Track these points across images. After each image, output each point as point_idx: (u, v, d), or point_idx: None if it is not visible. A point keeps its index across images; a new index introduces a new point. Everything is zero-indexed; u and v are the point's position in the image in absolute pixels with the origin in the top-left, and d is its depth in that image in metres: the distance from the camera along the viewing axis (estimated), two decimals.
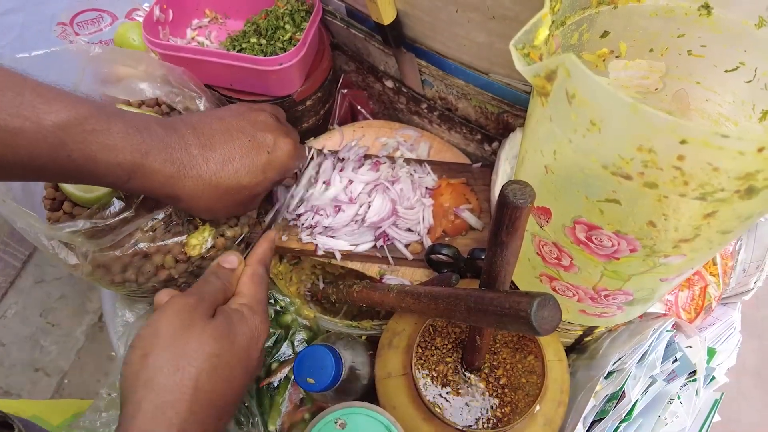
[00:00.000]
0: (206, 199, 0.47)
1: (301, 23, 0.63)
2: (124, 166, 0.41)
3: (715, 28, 0.37)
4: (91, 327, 1.57)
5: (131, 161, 0.42)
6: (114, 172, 0.41)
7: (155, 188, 0.44)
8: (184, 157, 0.45)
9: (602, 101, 0.26)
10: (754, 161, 0.24)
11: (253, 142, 0.50)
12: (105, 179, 0.42)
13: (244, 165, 0.49)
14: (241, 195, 0.50)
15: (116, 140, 0.41)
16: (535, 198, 0.31)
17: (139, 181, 0.43)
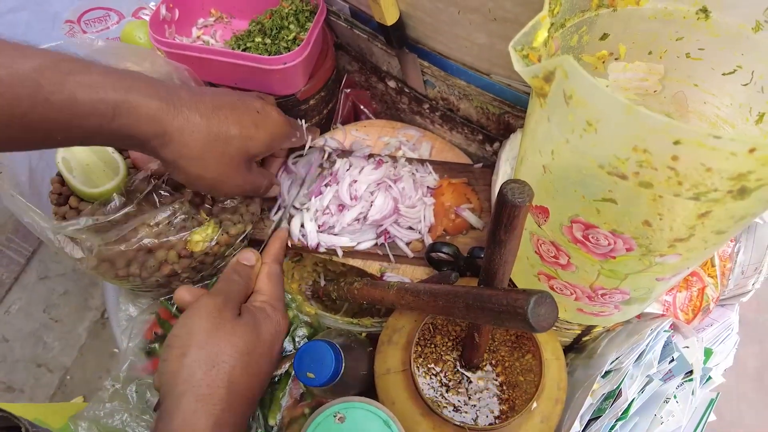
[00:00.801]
0: (196, 141, 0.44)
1: (306, 23, 0.63)
2: (107, 101, 0.39)
3: (712, 32, 0.37)
4: (93, 324, 1.58)
5: (114, 97, 0.40)
6: (97, 109, 0.39)
7: (143, 125, 0.42)
8: (172, 96, 0.43)
9: (598, 102, 0.26)
10: (746, 162, 0.24)
11: (241, 101, 0.49)
12: (89, 120, 0.39)
13: (234, 115, 0.47)
14: (232, 147, 0.47)
15: (96, 78, 0.39)
16: (533, 197, 0.32)
17: (124, 118, 0.41)
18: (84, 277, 1.55)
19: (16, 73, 0.36)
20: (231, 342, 0.41)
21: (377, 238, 0.60)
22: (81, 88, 0.38)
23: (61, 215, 0.53)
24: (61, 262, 1.46)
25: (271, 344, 0.44)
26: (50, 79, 0.37)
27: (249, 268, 0.49)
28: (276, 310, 0.47)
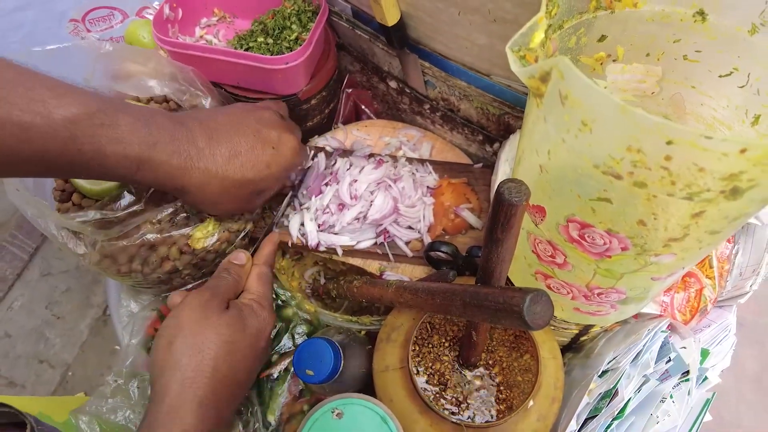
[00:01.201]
0: (213, 191, 0.49)
1: (308, 23, 0.64)
2: (131, 158, 0.43)
3: (709, 34, 0.38)
4: (95, 321, 1.58)
5: (138, 153, 0.43)
6: (122, 164, 0.42)
7: (163, 180, 0.46)
8: (191, 149, 0.46)
9: (593, 102, 0.26)
10: (738, 162, 0.25)
11: (258, 138, 0.51)
12: (114, 171, 0.43)
13: (250, 159, 0.50)
14: (246, 189, 0.51)
15: (124, 133, 0.42)
16: (530, 196, 0.32)
17: (147, 173, 0.44)
18: (86, 275, 1.56)
19: (53, 124, 0.38)
20: (216, 331, 0.43)
21: (377, 237, 0.61)
22: (110, 142, 0.41)
23: (64, 211, 0.54)
24: (64, 259, 1.47)
25: (256, 338, 0.46)
26: (84, 131, 0.40)
27: (239, 267, 0.51)
28: (263, 308, 0.48)
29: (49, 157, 0.39)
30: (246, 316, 0.46)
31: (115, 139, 0.41)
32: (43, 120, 0.38)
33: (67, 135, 0.39)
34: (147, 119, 0.44)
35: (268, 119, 0.53)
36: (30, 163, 0.39)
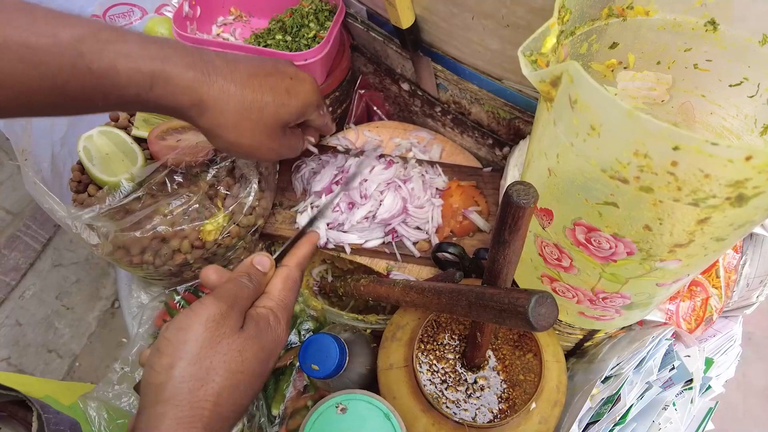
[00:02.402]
0: (232, 111, 0.46)
1: (325, 22, 0.65)
2: (144, 73, 0.41)
3: (720, 44, 0.38)
4: (103, 313, 1.60)
5: (151, 67, 0.41)
6: (135, 79, 0.41)
7: (180, 95, 0.43)
8: (207, 65, 0.44)
9: (602, 106, 0.27)
10: (743, 169, 0.25)
11: (275, 68, 0.50)
12: (128, 89, 0.41)
13: (268, 82, 0.48)
14: (266, 114, 0.48)
15: (134, 48, 0.40)
16: (538, 199, 0.32)
17: (161, 88, 0.42)
18: (96, 267, 1.58)
19: (59, 42, 0.37)
20: (225, 358, 0.37)
21: (385, 236, 0.61)
22: (120, 57, 0.40)
23: (80, 202, 0.55)
24: (75, 251, 1.49)
25: (266, 361, 0.40)
26: (91, 48, 0.38)
27: (262, 274, 0.44)
28: (279, 322, 0.42)
29: (60, 81, 0.38)
30: (262, 333, 0.40)
31: (125, 54, 0.40)
32: (49, 39, 0.37)
33: (75, 53, 0.38)
34: (156, 39, 0.43)
35: (283, 61, 0.53)
36: (42, 91, 0.38)
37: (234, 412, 0.37)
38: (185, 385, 0.35)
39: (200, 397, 0.35)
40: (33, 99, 0.38)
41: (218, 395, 0.36)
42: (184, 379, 0.35)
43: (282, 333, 0.42)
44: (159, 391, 0.35)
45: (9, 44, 0.35)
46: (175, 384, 0.35)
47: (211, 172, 0.56)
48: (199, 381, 0.35)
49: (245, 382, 0.38)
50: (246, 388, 0.38)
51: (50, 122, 0.56)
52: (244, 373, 0.38)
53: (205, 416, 0.35)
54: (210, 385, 0.36)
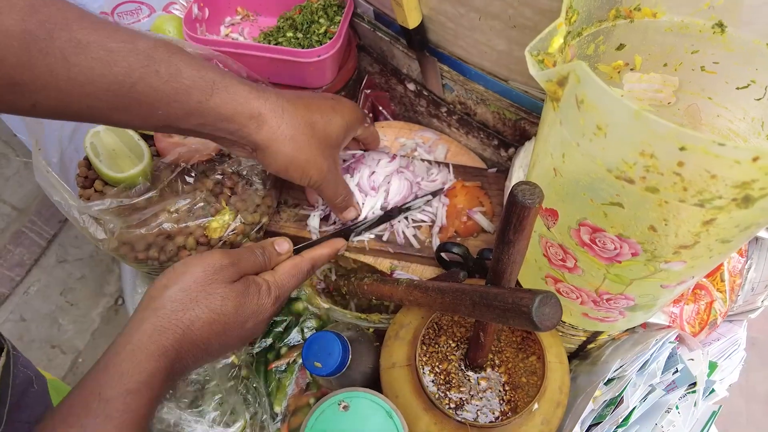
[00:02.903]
0: (289, 124, 0.49)
1: (334, 17, 0.66)
2: (206, 78, 0.45)
3: (727, 46, 0.38)
4: (107, 310, 1.61)
5: (213, 76, 0.45)
6: (198, 84, 0.45)
7: (239, 104, 0.47)
8: (258, 86, 0.49)
9: (608, 107, 0.27)
10: (750, 170, 0.25)
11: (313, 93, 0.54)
12: (190, 95, 0.45)
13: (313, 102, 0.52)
14: (317, 128, 0.51)
15: (200, 62, 0.45)
16: (543, 199, 0.32)
17: (222, 96, 0.46)
18: (100, 264, 1.58)
19: (134, 48, 0.42)
20: (209, 299, 0.43)
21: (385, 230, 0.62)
22: (185, 65, 0.44)
23: (86, 197, 0.55)
24: (80, 247, 1.50)
25: (243, 320, 0.45)
26: (161, 55, 0.43)
27: (276, 253, 0.50)
28: (269, 294, 0.47)
29: (128, 82, 0.42)
30: (249, 294, 0.46)
31: (190, 63, 0.45)
32: (127, 46, 0.42)
33: (146, 58, 0.42)
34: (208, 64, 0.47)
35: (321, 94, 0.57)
36: (110, 92, 0.42)
37: (203, 344, 0.43)
38: (170, 304, 0.42)
39: (178, 317, 0.42)
40: (100, 100, 0.42)
41: (192, 322, 0.42)
42: (171, 299, 0.42)
43: (268, 304, 0.47)
44: (149, 302, 0.42)
45: (91, 46, 0.40)
46: (163, 301, 0.42)
47: (218, 169, 0.56)
48: (182, 305, 0.42)
49: (218, 324, 0.43)
50: (218, 329, 0.44)
51: None
52: (221, 314, 0.43)
53: (177, 333, 0.41)
54: (189, 312, 0.42)
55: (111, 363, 0.39)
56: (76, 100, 0.41)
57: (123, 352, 0.39)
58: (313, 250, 0.52)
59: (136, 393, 0.38)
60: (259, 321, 0.47)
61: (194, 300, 0.43)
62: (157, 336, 0.41)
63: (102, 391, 0.37)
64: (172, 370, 0.41)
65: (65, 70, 0.39)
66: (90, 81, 0.40)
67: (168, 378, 0.41)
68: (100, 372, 0.39)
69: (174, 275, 0.44)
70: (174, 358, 0.41)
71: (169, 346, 0.41)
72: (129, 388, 0.38)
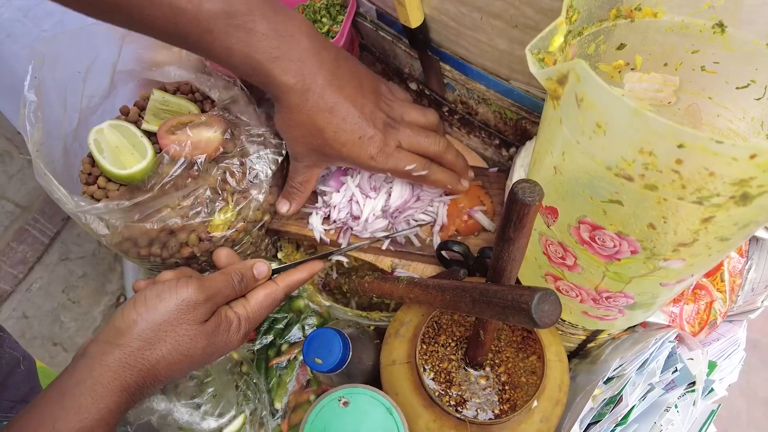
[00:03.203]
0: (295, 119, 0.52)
1: (337, 16, 0.66)
2: (252, 62, 0.48)
3: (728, 46, 0.38)
4: (108, 308, 1.62)
5: (258, 60, 0.48)
6: (244, 64, 0.48)
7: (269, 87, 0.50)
8: (308, 78, 0.50)
9: (607, 104, 0.27)
10: (748, 168, 0.25)
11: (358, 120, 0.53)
12: (237, 69, 0.49)
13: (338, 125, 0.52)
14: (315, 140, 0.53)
15: (253, 39, 0.47)
16: (543, 196, 0.33)
17: (260, 78, 0.49)
18: (103, 262, 1.59)
19: (198, 14, 0.45)
20: (177, 340, 0.43)
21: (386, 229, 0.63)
22: (239, 43, 0.47)
23: (90, 194, 0.56)
24: (82, 245, 1.50)
25: (208, 356, 0.46)
26: (220, 28, 0.46)
27: (254, 280, 0.50)
28: (239, 330, 0.47)
29: (190, 39, 0.46)
30: (219, 333, 0.46)
31: (245, 42, 0.47)
32: (192, 8, 0.44)
33: (206, 27, 0.45)
34: (284, 33, 0.49)
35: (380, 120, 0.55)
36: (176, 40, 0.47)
37: (166, 377, 0.44)
38: (137, 342, 0.41)
39: (144, 356, 0.41)
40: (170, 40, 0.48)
41: (158, 362, 0.42)
42: (138, 337, 0.42)
43: (236, 340, 0.47)
44: (116, 335, 0.42)
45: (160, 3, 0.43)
46: (130, 336, 0.41)
47: (221, 167, 0.56)
48: (149, 344, 0.42)
49: (184, 363, 0.44)
50: (183, 367, 0.44)
51: (62, 115, 0.57)
52: (187, 356, 0.44)
53: (143, 370, 0.41)
54: (155, 351, 0.42)
55: (69, 394, 0.38)
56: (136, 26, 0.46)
57: (83, 384, 0.39)
58: (288, 274, 0.52)
59: (90, 430, 0.38)
60: (224, 353, 0.47)
61: (162, 340, 0.42)
62: (121, 372, 0.40)
63: (56, 424, 0.37)
64: (130, 404, 0.41)
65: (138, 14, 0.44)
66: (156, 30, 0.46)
67: (124, 412, 0.41)
68: (57, 401, 0.38)
69: (144, 309, 0.43)
70: (135, 393, 0.41)
71: (132, 383, 0.41)
72: (84, 425, 0.37)
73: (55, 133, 0.56)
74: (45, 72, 0.54)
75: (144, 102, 0.62)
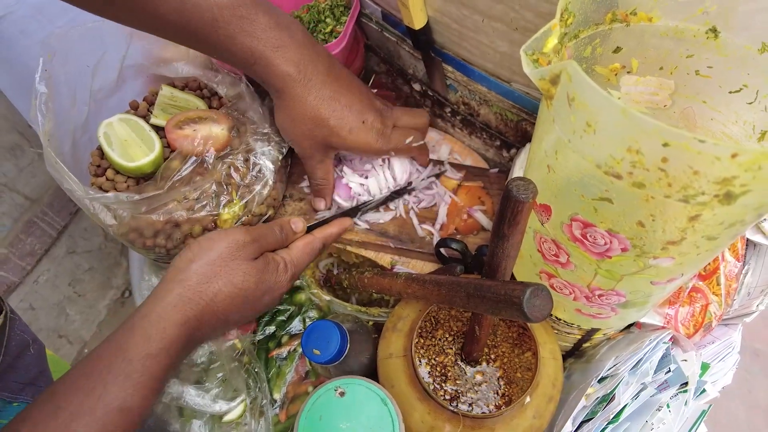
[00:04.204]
0: (299, 111, 0.54)
1: (341, 17, 0.67)
2: (254, 52, 0.50)
3: (721, 51, 0.39)
4: (113, 302, 1.64)
5: (262, 51, 0.50)
6: (245, 54, 0.50)
7: (271, 79, 0.52)
8: (309, 68, 0.52)
9: (597, 104, 0.28)
10: (730, 167, 0.26)
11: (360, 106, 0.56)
12: (237, 57, 0.51)
13: (342, 112, 0.55)
14: (321, 131, 0.56)
15: (257, 30, 0.49)
16: (537, 194, 0.34)
17: (261, 68, 0.51)
18: (109, 256, 1.61)
19: (204, 3, 0.47)
20: (231, 274, 0.46)
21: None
22: (241, 33, 0.49)
23: (98, 185, 0.57)
24: (90, 239, 1.52)
25: (261, 295, 0.49)
26: (224, 18, 0.48)
27: (292, 232, 0.54)
28: (287, 272, 0.51)
29: (193, 29, 0.48)
30: (268, 271, 0.49)
31: (247, 33, 0.49)
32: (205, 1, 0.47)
33: (210, 17, 0.47)
34: (283, 25, 0.51)
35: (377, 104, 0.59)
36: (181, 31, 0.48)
37: (222, 315, 0.46)
38: (195, 277, 0.45)
39: (202, 290, 0.45)
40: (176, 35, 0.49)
41: (215, 295, 0.45)
42: (196, 273, 0.45)
43: (284, 281, 0.51)
44: (176, 274, 0.45)
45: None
46: (188, 273, 0.45)
47: (226, 162, 0.58)
48: (206, 278, 0.45)
49: (239, 297, 0.47)
50: (239, 303, 0.47)
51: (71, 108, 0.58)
52: (241, 289, 0.47)
53: (201, 305, 0.44)
54: (213, 285, 0.45)
55: (137, 326, 0.42)
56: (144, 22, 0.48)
57: (149, 317, 0.42)
58: (323, 229, 0.57)
59: (155, 357, 0.41)
60: (275, 296, 0.51)
61: (218, 274, 0.46)
62: (182, 306, 0.43)
63: (126, 353, 0.40)
64: (191, 338, 0.44)
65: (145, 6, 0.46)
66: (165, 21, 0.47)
67: (186, 346, 0.44)
68: (127, 333, 0.42)
69: (199, 249, 0.47)
70: (195, 327, 0.44)
71: (192, 316, 0.44)
72: (150, 352, 0.41)
73: (65, 125, 0.58)
74: (56, 66, 0.55)
75: (153, 97, 0.63)
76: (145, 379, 0.40)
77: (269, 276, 0.49)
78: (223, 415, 0.52)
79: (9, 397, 0.56)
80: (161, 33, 0.50)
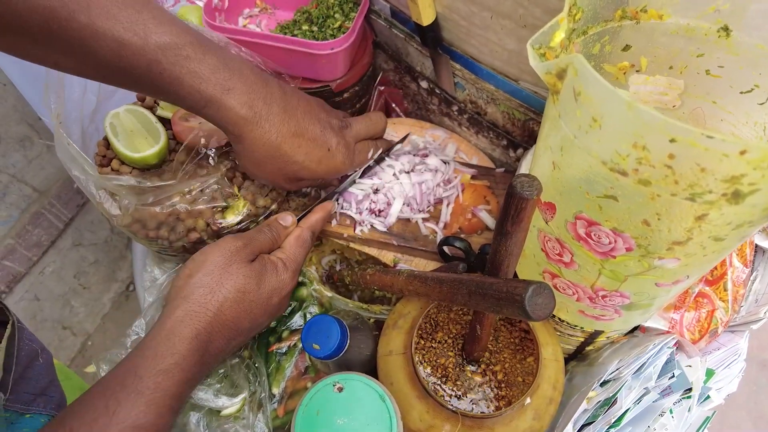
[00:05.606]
0: (262, 153, 0.51)
1: (350, 13, 0.67)
2: (203, 95, 0.46)
3: (732, 51, 0.38)
4: (117, 295, 1.64)
5: (211, 93, 0.46)
6: (194, 96, 0.46)
7: (225, 123, 0.49)
8: (263, 109, 0.49)
9: (603, 98, 0.28)
10: (738, 164, 0.25)
11: (322, 135, 0.55)
12: (185, 101, 0.47)
13: (307, 145, 0.53)
14: (289, 168, 0.54)
15: (204, 71, 0.46)
16: (541, 191, 0.33)
17: (213, 112, 0.48)
18: (114, 250, 1.62)
19: (145, 46, 0.43)
20: (233, 279, 0.46)
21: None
22: (189, 75, 0.45)
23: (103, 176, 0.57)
24: (96, 232, 1.53)
25: (268, 295, 0.49)
26: (169, 59, 0.44)
27: (282, 227, 0.54)
28: (287, 269, 0.51)
29: (136, 73, 0.44)
30: (267, 272, 0.49)
31: (194, 74, 0.45)
32: (138, 41, 0.43)
33: (153, 58, 0.43)
34: (231, 66, 0.48)
35: (336, 126, 0.57)
36: (121, 74, 0.45)
37: (234, 323, 0.46)
38: (198, 290, 0.45)
39: (208, 300, 0.45)
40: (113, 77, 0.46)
41: (221, 304, 0.45)
42: (198, 286, 0.45)
43: (287, 279, 0.51)
44: (177, 292, 0.45)
45: (107, 35, 0.41)
46: (190, 289, 0.45)
47: (232, 154, 0.58)
48: (209, 289, 0.45)
49: (245, 302, 0.47)
50: (246, 307, 0.47)
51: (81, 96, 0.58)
52: (246, 292, 0.47)
53: (209, 316, 0.44)
54: (217, 294, 0.45)
55: (147, 346, 0.42)
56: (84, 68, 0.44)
57: (158, 336, 0.43)
58: (307, 218, 0.56)
59: (167, 373, 0.41)
60: (283, 296, 0.51)
61: (219, 282, 0.46)
62: (189, 320, 0.43)
63: (137, 370, 0.41)
64: (205, 352, 0.44)
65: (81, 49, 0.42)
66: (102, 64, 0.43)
67: (200, 361, 0.44)
68: (138, 353, 0.42)
69: (194, 265, 0.47)
70: (206, 340, 0.44)
71: (201, 329, 0.44)
72: (161, 368, 0.41)
73: (74, 114, 0.58)
74: None
75: None
76: (158, 396, 0.40)
77: (270, 276, 0.49)
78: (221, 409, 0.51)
79: (22, 409, 0.55)
80: (107, 79, 0.47)
